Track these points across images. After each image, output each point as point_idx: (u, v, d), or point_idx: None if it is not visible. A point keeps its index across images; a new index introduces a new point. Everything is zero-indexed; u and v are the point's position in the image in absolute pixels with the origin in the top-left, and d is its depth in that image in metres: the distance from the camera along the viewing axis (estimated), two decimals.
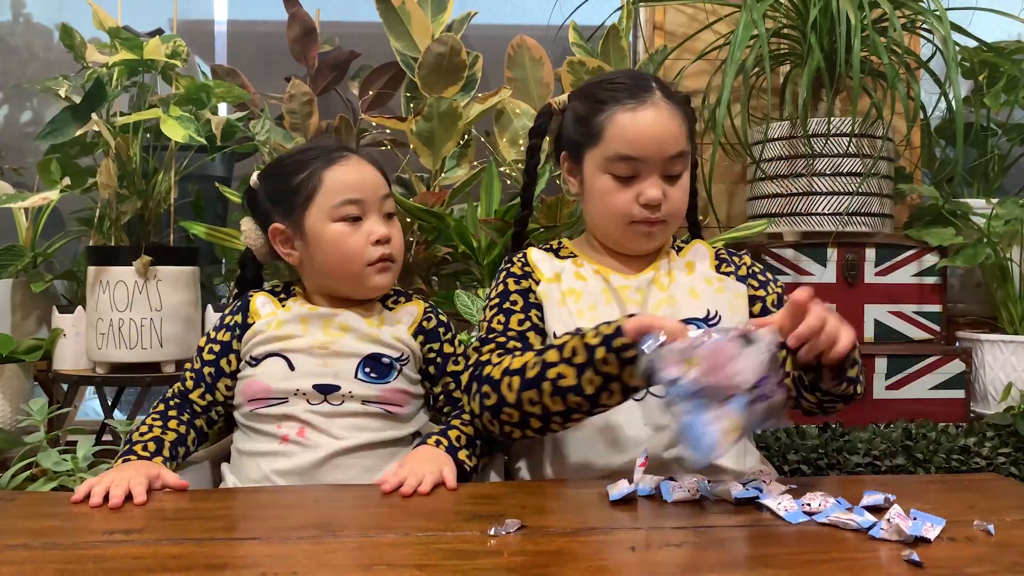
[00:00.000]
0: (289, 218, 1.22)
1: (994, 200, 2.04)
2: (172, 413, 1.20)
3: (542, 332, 1.19)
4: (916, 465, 1.66)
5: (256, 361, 1.20)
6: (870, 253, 1.95)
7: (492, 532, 0.84)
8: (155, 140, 1.95)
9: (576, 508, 0.95)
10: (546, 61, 2.04)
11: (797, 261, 1.92)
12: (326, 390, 1.18)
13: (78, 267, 2.08)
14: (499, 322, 1.19)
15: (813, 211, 1.94)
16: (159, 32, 2.09)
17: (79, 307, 1.96)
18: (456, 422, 1.20)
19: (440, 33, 2.01)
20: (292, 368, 1.18)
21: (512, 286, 1.22)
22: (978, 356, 1.98)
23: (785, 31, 2.10)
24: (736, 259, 1.27)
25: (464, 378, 1.16)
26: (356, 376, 1.19)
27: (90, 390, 2.10)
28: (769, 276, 1.26)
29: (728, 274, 1.23)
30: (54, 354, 1.97)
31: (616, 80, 1.19)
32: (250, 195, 1.28)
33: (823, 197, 1.93)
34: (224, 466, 1.25)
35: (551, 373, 1.03)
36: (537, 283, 1.22)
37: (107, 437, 1.94)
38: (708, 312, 1.18)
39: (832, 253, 1.93)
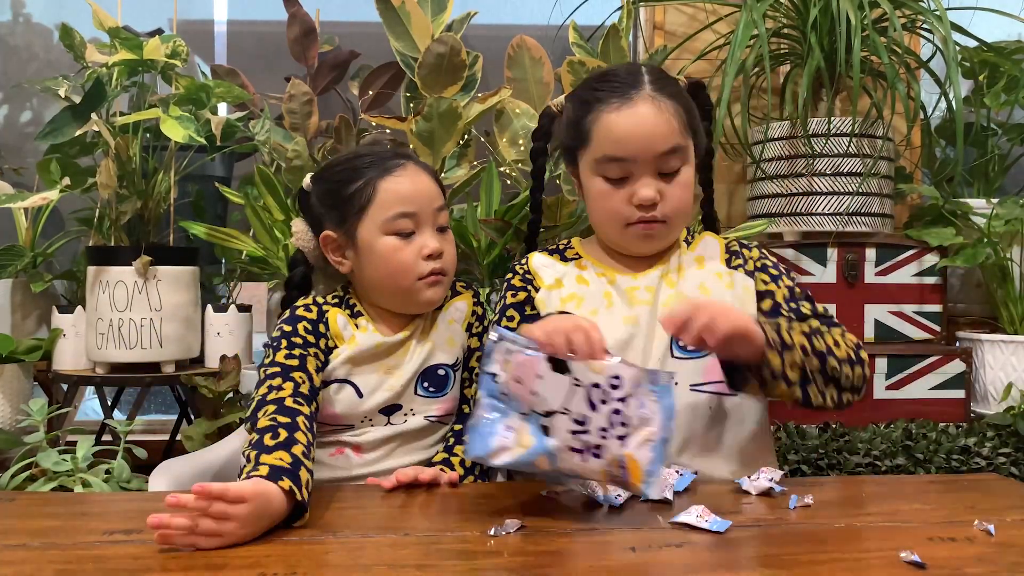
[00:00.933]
0: (341, 227, 1.18)
1: (994, 200, 2.04)
2: (298, 429, 1.01)
3: None
4: (916, 465, 1.66)
5: (325, 385, 1.16)
6: (870, 253, 1.95)
7: (492, 532, 0.84)
8: (155, 140, 1.95)
9: (576, 508, 0.95)
10: (546, 61, 2.04)
11: (797, 261, 1.92)
12: (390, 411, 1.17)
13: (78, 267, 2.08)
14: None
15: (813, 211, 1.94)
16: (159, 32, 2.09)
17: (79, 307, 1.96)
18: (458, 449, 1.18)
19: (440, 33, 2.01)
20: (360, 395, 1.16)
21: (510, 299, 1.21)
22: (978, 356, 1.98)
23: (785, 31, 2.10)
24: (746, 252, 1.22)
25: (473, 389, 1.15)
26: (416, 392, 1.18)
27: (90, 390, 2.10)
28: (782, 269, 1.21)
29: (737, 268, 1.20)
30: (54, 354, 1.97)
31: (605, 78, 1.15)
32: (302, 197, 1.24)
33: (823, 197, 1.93)
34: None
35: None
36: (537, 290, 1.20)
37: (107, 437, 1.94)
38: None
39: (832, 253, 1.93)
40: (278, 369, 1.09)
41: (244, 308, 2.02)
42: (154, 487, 1.15)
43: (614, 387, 0.90)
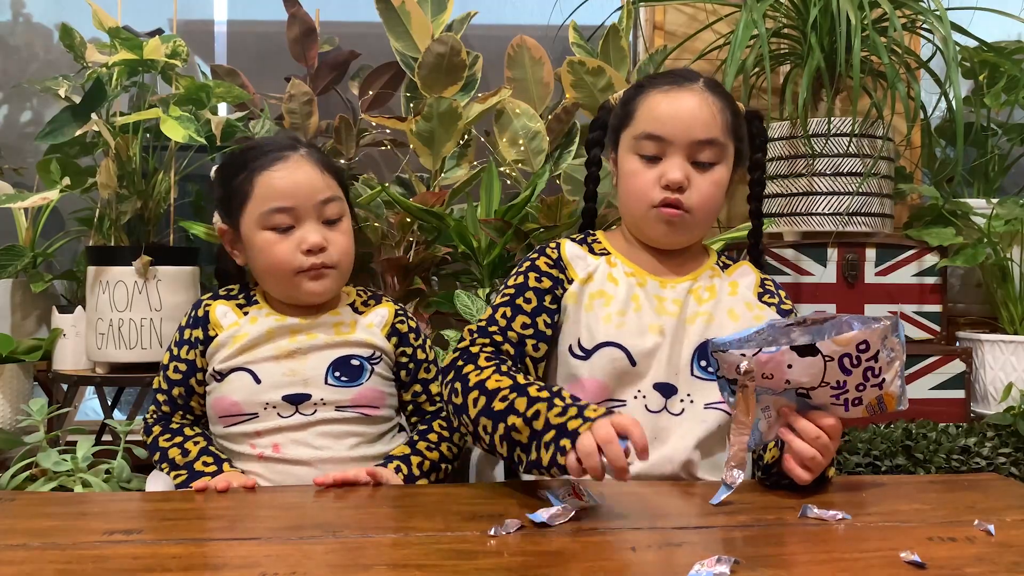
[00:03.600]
0: (230, 220, 1.19)
1: (994, 200, 2.04)
2: (186, 435, 1.21)
3: (547, 340, 1.14)
4: (916, 465, 1.65)
5: (221, 376, 1.16)
6: (870, 253, 1.95)
7: (492, 532, 0.84)
8: (155, 140, 1.95)
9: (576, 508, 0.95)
10: (546, 61, 2.04)
11: (797, 261, 1.92)
12: (296, 400, 1.15)
13: (78, 267, 2.08)
14: (503, 316, 1.13)
15: (813, 211, 1.94)
16: (159, 32, 2.09)
17: (79, 307, 1.96)
18: (422, 445, 1.18)
19: (440, 33, 2.01)
20: (258, 381, 1.14)
21: (532, 282, 1.16)
22: (978, 356, 1.98)
23: (785, 31, 2.10)
24: (780, 293, 1.22)
25: (448, 357, 1.11)
26: (326, 382, 1.16)
27: (90, 390, 2.10)
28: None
29: (770, 305, 1.19)
30: (54, 354, 1.97)
31: (667, 72, 1.20)
32: (212, 189, 1.25)
33: (823, 197, 1.93)
34: None
35: (511, 420, 0.96)
36: (570, 282, 1.16)
37: (107, 437, 1.94)
38: None
39: (832, 253, 1.93)
40: (156, 394, 1.24)
41: None
42: (154, 487, 1.15)
43: (863, 351, 0.94)
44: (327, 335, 1.18)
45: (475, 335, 1.12)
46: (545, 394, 0.96)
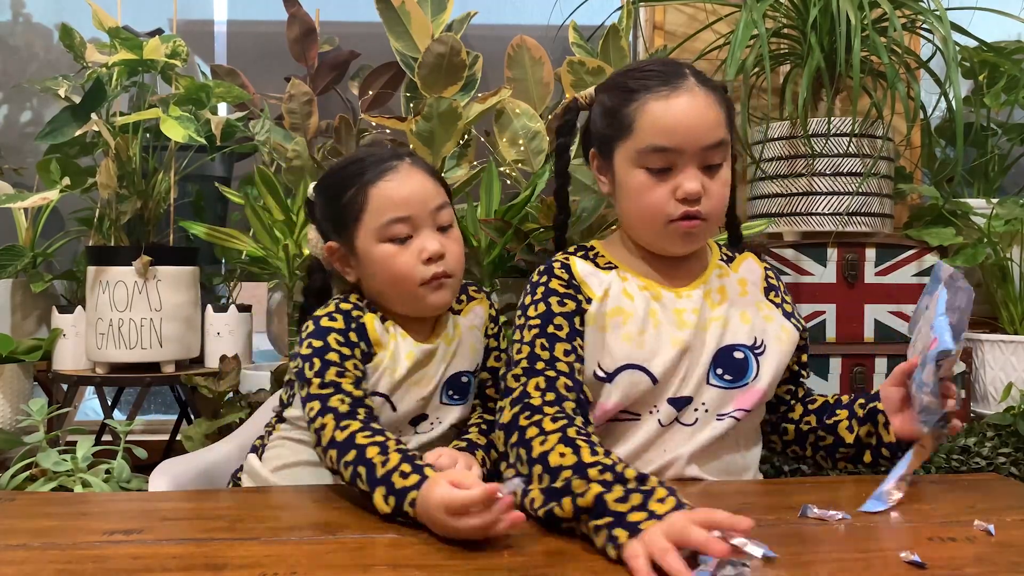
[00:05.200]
0: (341, 236, 1.15)
1: (994, 200, 2.04)
2: (377, 432, 0.99)
3: (583, 361, 1.09)
4: None
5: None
6: (870, 253, 1.95)
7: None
8: (155, 140, 1.95)
9: None
10: (546, 61, 2.04)
11: (797, 261, 1.92)
12: (417, 421, 1.15)
13: (78, 267, 2.08)
14: (543, 348, 1.05)
15: (813, 211, 1.94)
16: (159, 32, 2.10)
17: (79, 307, 1.96)
18: (479, 447, 1.16)
19: (440, 33, 2.01)
20: (395, 410, 1.13)
21: (556, 307, 1.08)
22: (978, 356, 1.98)
23: (785, 31, 2.10)
24: (780, 286, 1.20)
25: (506, 412, 1.00)
26: (441, 401, 1.16)
27: (90, 390, 2.10)
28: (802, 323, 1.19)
29: (777, 305, 1.16)
30: (54, 354, 1.97)
31: (647, 68, 1.10)
32: (309, 207, 1.21)
33: (823, 197, 1.93)
34: (255, 466, 1.18)
35: (567, 504, 0.85)
36: (589, 302, 1.09)
37: (107, 437, 1.94)
38: (755, 340, 1.11)
39: (832, 253, 1.93)
40: (332, 389, 1.04)
41: (244, 308, 2.02)
42: (154, 487, 1.15)
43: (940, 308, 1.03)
44: (443, 354, 1.16)
45: (524, 380, 1.02)
46: (608, 476, 0.85)
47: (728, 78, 1.79)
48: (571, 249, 1.18)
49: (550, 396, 1.00)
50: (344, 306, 1.13)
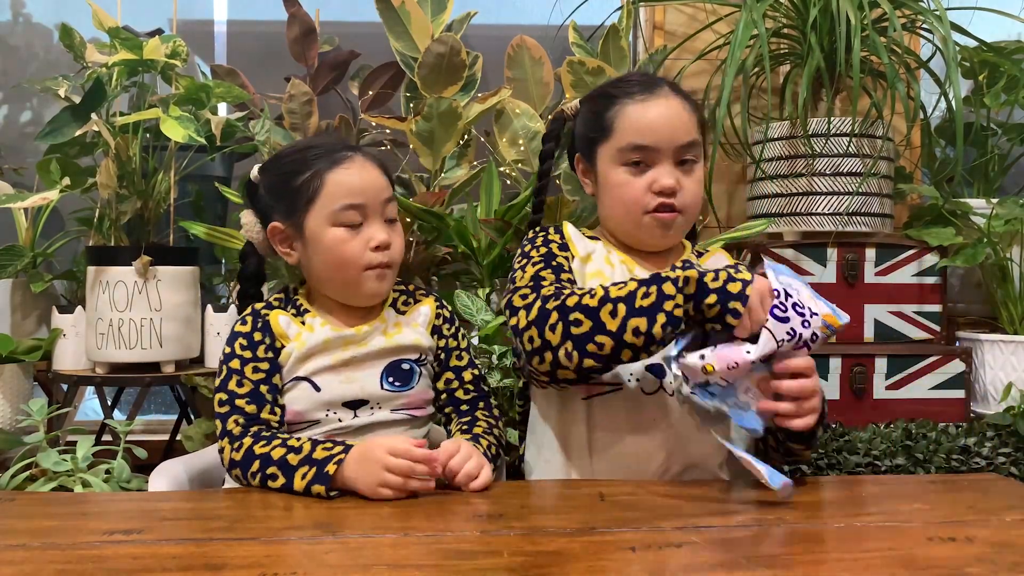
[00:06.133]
0: (289, 218, 1.19)
1: (994, 200, 2.04)
2: (277, 439, 1.09)
3: None
4: (916, 465, 1.66)
5: (282, 388, 1.17)
6: (870, 253, 1.95)
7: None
8: (155, 140, 1.95)
9: (576, 508, 0.95)
10: (546, 61, 2.04)
11: (797, 261, 1.92)
12: (355, 405, 1.17)
13: (78, 267, 2.08)
14: (549, 273, 1.15)
15: (813, 211, 1.94)
16: (159, 32, 2.09)
17: (79, 307, 1.96)
18: (479, 428, 1.20)
19: (440, 33, 2.01)
20: (318, 389, 1.16)
21: (557, 251, 1.19)
22: (978, 356, 1.98)
23: (785, 31, 2.10)
24: None
25: (519, 318, 1.08)
26: (381, 387, 1.18)
27: (90, 390, 2.10)
28: None
29: None
30: (54, 354, 1.97)
31: (627, 78, 1.24)
32: (250, 189, 1.25)
33: (823, 197, 1.93)
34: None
35: (668, 305, 1.02)
36: (573, 259, 1.20)
37: (107, 437, 1.94)
38: None
39: (832, 253, 1.93)
40: (228, 408, 1.14)
41: None
42: (154, 487, 1.15)
43: (777, 297, 1.01)
44: (379, 342, 1.20)
45: (532, 296, 1.10)
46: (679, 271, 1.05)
47: (728, 78, 1.79)
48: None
49: (567, 290, 1.10)
50: (258, 306, 1.21)
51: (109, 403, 2.00)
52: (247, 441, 1.08)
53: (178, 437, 1.97)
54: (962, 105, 1.87)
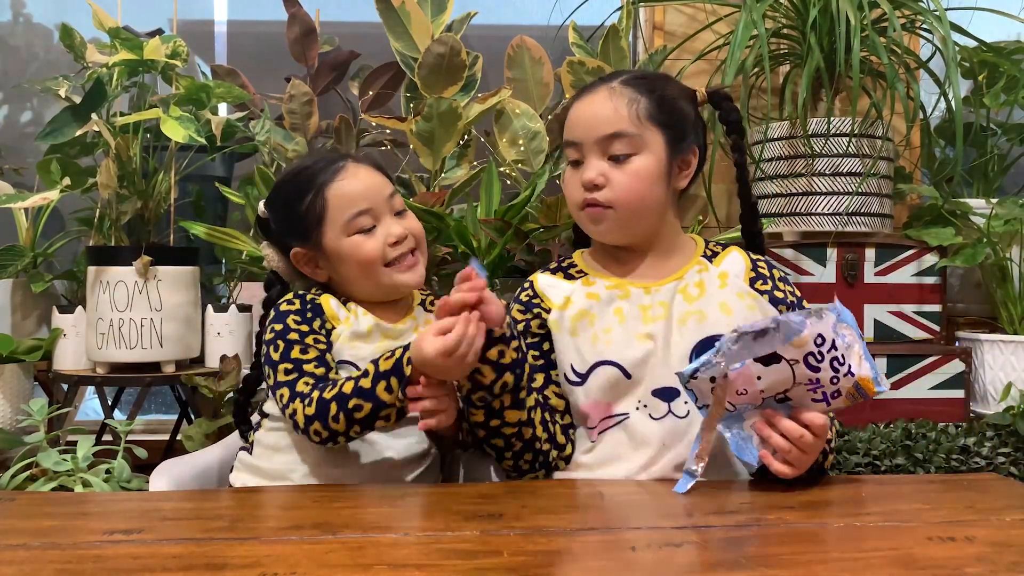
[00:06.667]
0: (307, 241, 1.20)
1: (994, 200, 2.04)
2: (334, 382, 1.10)
3: (550, 366, 1.17)
4: (916, 465, 1.66)
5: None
6: (870, 253, 1.95)
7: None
8: (155, 140, 1.95)
9: (576, 508, 0.95)
10: (546, 61, 2.04)
11: (797, 261, 1.92)
12: None
13: (78, 267, 2.08)
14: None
15: (813, 211, 1.94)
16: (159, 32, 2.10)
17: (79, 307, 1.96)
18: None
19: (440, 33, 2.01)
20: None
21: (523, 323, 1.19)
22: (978, 356, 1.98)
23: (785, 31, 2.10)
24: (770, 278, 1.20)
25: None
26: None
27: (90, 390, 2.10)
28: (797, 298, 1.21)
29: (763, 292, 1.17)
30: (54, 354, 1.97)
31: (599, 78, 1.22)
32: (262, 224, 1.26)
33: (823, 197, 1.93)
34: (247, 459, 1.21)
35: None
36: (548, 312, 1.18)
37: (107, 437, 1.94)
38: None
39: (832, 253, 1.93)
40: (296, 373, 1.12)
41: (244, 308, 2.02)
42: (155, 487, 1.15)
43: (820, 345, 0.97)
44: (411, 338, 1.18)
45: None
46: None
47: (728, 78, 1.79)
48: (551, 265, 1.26)
49: None
50: (301, 292, 1.22)
51: (109, 403, 2.00)
52: (315, 395, 1.07)
53: (178, 437, 1.97)
54: (962, 105, 1.87)
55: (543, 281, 1.22)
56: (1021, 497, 1.00)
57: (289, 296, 1.21)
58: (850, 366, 0.98)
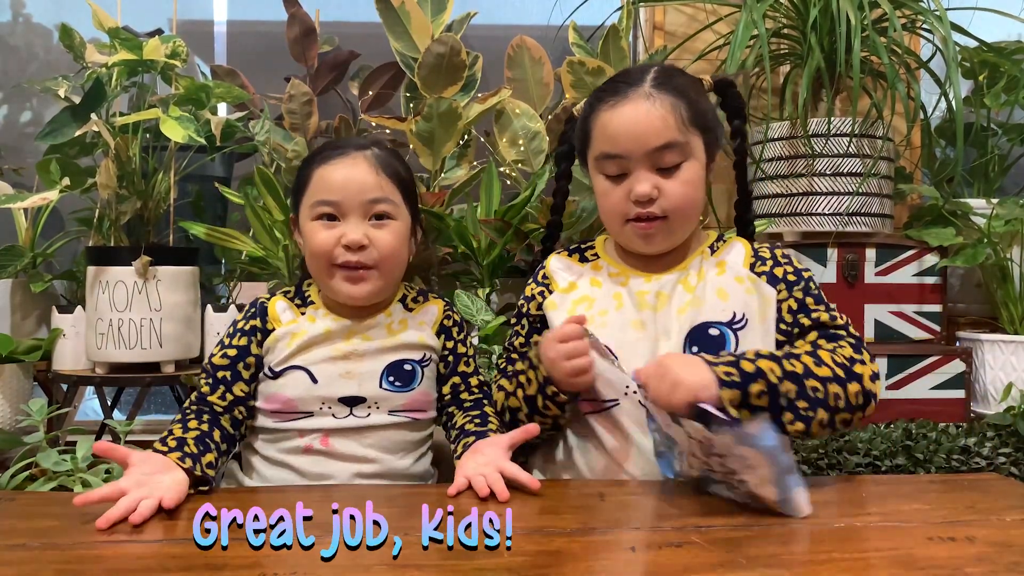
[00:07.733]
0: (294, 209, 1.23)
1: (994, 200, 2.04)
2: (191, 416, 1.14)
3: None
4: (916, 465, 1.66)
5: (276, 374, 1.17)
6: (870, 253, 1.95)
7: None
8: (155, 140, 1.95)
9: (576, 508, 0.95)
10: (546, 61, 2.04)
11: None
12: (352, 402, 1.16)
13: (78, 267, 2.08)
14: (509, 343, 1.27)
15: (813, 211, 1.94)
16: (159, 32, 2.10)
17: (79, 307, 1.96)
18: (491, 424, 1.18)
19: (440, 33, 2.01)
20: (315, 381, 1.15)
21: (523, 310, 1.25)
22: (978, 356, 1.98)
23: (785, 31, 2.10)
24: (770, 258, 1.19)
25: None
26: (380, 385, 1.17)
27: (90, 390, 2.10)
28: (802, 275, 1.19)
29: (761, 274, 1.17)
30: (54, 354, 1.97)
31: (614, 78, 1.17)
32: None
33: (823, 197, 1.93)
34: (235, 470, 1.23)
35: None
36: (551, 292, 1.20)
37: (107, 437, 1.94)
38: (734, 315, 1.12)
39: (832, 253, 1.93)
40: (207, 371, 1.20)
41: (244, 308, 2.02)
42: None
43: (710, 446, 0.92)
44: (381, 337, 1.19)
45: (500, 364, 1.27)
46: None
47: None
48: (571, 245, 1.28)
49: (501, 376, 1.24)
50: (263, 296, 1.24)
51: (109, 403, 2.00)
52: (179, 416, 1.15)
53: None
54: (962, 105, 1.87)
55: (554, 264, 1.24)
56: (1022, 497, 1.00)
57: (263, 297, 1.25)
58: (744, 480, 0.92)
